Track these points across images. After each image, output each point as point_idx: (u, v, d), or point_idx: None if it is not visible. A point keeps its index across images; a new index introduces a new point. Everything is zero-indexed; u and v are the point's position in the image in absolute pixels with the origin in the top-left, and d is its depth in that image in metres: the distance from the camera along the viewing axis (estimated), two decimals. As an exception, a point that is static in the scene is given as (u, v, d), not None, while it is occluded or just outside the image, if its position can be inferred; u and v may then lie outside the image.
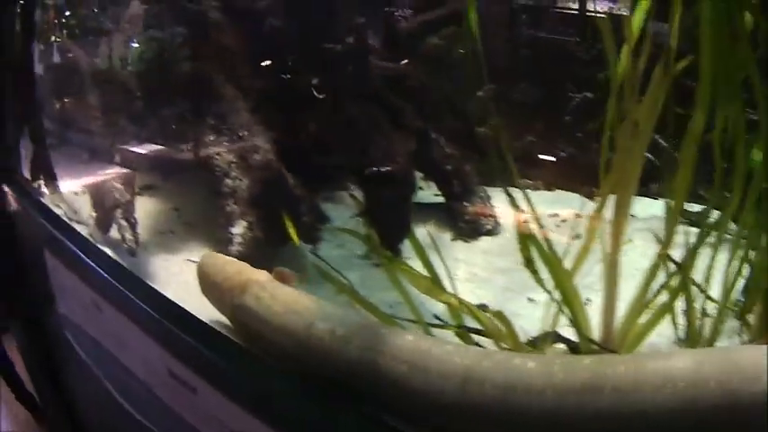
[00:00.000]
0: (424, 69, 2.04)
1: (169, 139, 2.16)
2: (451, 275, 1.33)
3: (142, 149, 2.01)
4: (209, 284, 1.40)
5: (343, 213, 2.19)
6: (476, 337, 1.31)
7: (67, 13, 2.97)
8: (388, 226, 1.46)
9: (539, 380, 0.87)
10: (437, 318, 1.36)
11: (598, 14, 2.69)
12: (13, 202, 2.02)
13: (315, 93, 1.60)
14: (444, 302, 1.26)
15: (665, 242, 1.36)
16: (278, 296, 1.21)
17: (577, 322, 1.37)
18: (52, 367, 2.15)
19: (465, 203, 1.95)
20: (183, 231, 2.25)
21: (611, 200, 1.46)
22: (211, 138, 1.86)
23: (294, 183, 1.76)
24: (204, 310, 1.36)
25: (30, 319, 2.15)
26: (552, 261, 1.31)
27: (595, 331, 1.44)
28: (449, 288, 1.33)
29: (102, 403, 1.56)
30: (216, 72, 1.91)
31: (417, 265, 1.34)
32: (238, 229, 1.61)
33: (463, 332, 1.27)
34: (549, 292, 1.34)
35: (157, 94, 2.12)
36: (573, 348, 1.45)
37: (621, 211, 1.41)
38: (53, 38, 2.92)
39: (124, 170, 1.92)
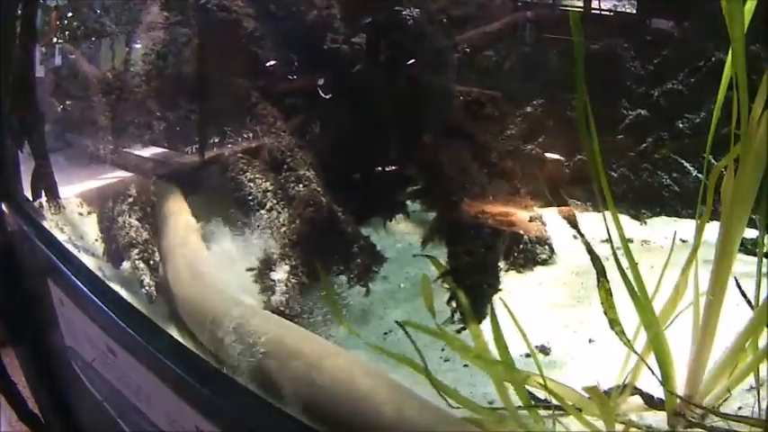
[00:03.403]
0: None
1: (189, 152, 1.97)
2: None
3: (153, 157, 1.78)
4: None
5: (394, 244, 1.98)
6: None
7: (69, 15, 2.80)
8: (475, 288, 1.26)
9: None
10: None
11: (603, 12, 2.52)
12: (12, 224, 1.84)
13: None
14: (525, 384, 1.10)
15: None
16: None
17: (666, 375, 1.19)
18: (58, 391, 1.98)
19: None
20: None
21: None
22: (243, 161, 1.66)
23: (345, 218, 1.52)
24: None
25: (35, 343, 1.97)
26: (643, 303, 1.13)
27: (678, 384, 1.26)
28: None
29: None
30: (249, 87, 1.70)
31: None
32: (280, 274, 1.40)
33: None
34: (628, 344, 1.17)
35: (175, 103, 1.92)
36: (652, 404, 1.29)
37: (729, 246, 1.14)
38: (54, 40, 2.76)
39: (135, 192, 1.66)
